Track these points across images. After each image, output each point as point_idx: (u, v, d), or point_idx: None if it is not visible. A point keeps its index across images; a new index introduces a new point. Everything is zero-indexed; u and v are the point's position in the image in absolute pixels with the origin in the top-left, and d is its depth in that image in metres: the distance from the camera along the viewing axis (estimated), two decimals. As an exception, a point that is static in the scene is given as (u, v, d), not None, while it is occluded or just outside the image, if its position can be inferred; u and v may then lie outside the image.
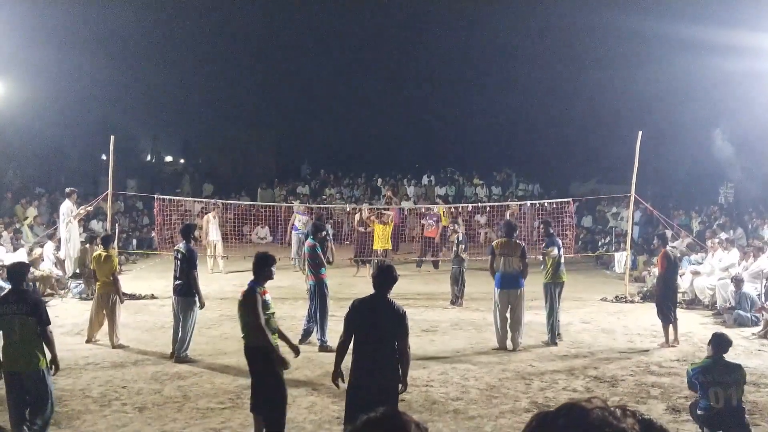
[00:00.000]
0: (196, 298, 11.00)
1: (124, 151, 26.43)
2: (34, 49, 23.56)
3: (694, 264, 17.22)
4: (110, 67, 29.45)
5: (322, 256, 12.19)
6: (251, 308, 7.40)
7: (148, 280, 18.15)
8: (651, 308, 15.47)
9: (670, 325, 12.32)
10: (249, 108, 38.78)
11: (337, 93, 39.11)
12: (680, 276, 15.08)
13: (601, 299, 16.37)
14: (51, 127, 27.46)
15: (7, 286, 13.90)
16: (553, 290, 12.42)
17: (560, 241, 12.95)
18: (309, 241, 12.27)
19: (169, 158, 44.81)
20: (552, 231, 12.92)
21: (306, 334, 11.94)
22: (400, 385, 6.62)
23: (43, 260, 17.01)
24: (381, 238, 17.58)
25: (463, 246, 15.95)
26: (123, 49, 31.18)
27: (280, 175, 36.46)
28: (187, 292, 10.97)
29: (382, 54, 38.21)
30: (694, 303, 16.09)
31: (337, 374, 6.80)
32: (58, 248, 17.56)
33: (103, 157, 27.50)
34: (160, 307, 14.99)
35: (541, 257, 12.88)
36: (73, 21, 26.82)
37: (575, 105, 32.34)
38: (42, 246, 17.87)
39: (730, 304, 14.88)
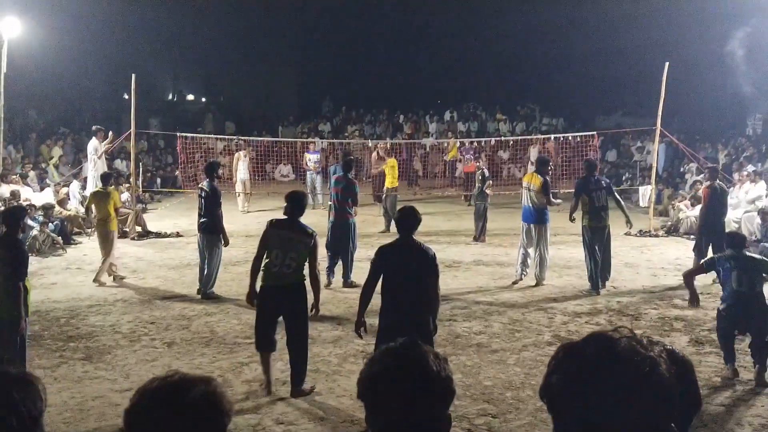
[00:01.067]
0: (221, 236, 11.10)
1: (146, 90, 26.35)
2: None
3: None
4: (131, 5, 29.18)
5: (357, 196, 12.04)
6: (316, 248, 7.31)
7: (173, 219, 18.32)
8: (675, 242, 15.46)
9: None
10: (270, 45, 38.29)
11: (358, 28, 38.53)
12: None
13: (624, 233, 16.22)
14: (73, 67, 27.37)
15: (35, 224, 14.22)
16: (585, 234, 11.58)
17: (596, 183, 11.58)
18: (347, 177, 11.98)
19: (190, 97, 44.68)
20: (586, 175, 11.83)
21: (332, 270, 11.88)
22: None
23: (69, 199, 17.22)
24: (389, 176, 17.45)
25: (491, 182, 15.96)
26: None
27: (301, 112, 36.30)
28: (211, 229, 11.05)
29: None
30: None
31: (360, 323, 6.68)
32: (83, 187, 17.74)
33: (125, 96, 27.48)
34: (185, 244, 15.16)
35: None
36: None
37: (599, 37, 31.55)
38: (68, 185, 18.07)
39: (756, 236, 14.76)
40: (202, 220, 11.14)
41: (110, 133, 17.81)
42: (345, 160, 12.93)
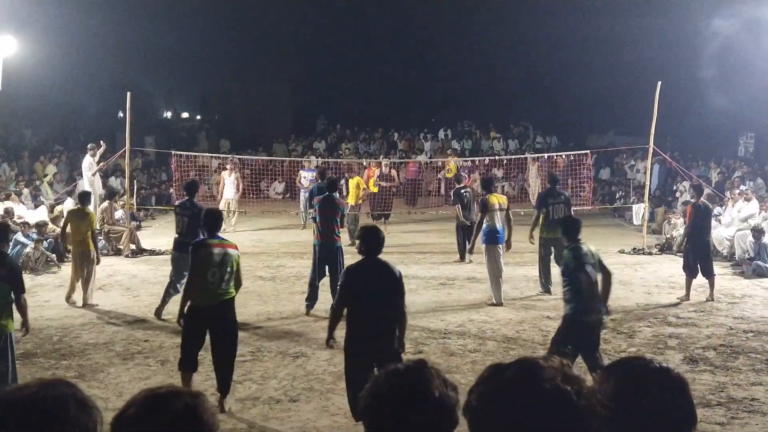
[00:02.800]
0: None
1: (141, 108, 26.40)
2: (49, 6, 23.45)
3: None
4: (125, 24, 29.28)
5: (345, 217, 11.80)
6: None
7: (167, 236, 18.18)
8: (669, 260, 15.47)
9: (692, 280, 12.20)
10: (265, 63, 38.47)
11: (353, 47, 38.75)
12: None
13: (618, 251, 16.32)
14: (67, 85, 27.45)
15: (28, 242, 14.18)
16: (541, 245, 12.47)
17: (556, 197, 12.51)
18: (332, 197, 11.21)
19: (185, 114, 44.77)
20: (548, 188, 12.75)
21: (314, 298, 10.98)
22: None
23: (63, 217, 17.17)
24: (352, 194, 17.28)
25: (458, 207, 15.69)
26: (137, 5, 30.93)
27: (296, 130, 36.34)
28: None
29: (397, 5, 37.69)
30: (712, 254, 16.00)
31: (332, 340, 6.89)
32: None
33: (120, 114, 27.53)
34: (179, 262, 15.10)
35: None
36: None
37: (593, 56, 31.82)
38: (62, 203, 18.04)
39: (749, 254, 14.80)
40: (186, 240, 10.00)
41: (101, 142, 17.66)
42: (329, 179, 12.16)
